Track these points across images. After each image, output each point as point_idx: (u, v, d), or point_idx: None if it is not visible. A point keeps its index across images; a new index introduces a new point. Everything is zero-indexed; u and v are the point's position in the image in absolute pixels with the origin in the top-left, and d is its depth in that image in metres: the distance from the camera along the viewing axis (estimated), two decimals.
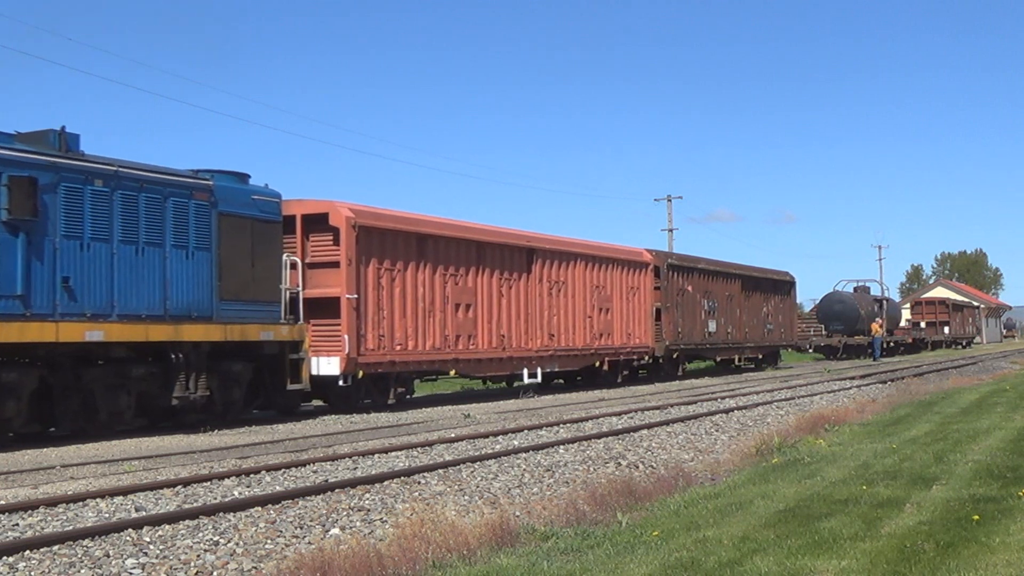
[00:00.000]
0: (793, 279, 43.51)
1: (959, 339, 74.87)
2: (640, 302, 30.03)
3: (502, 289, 23.90)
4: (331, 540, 7.78)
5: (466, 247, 22.84)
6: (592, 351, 27.42)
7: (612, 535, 7.57)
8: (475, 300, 22.92)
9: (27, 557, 7.10)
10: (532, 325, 24.81)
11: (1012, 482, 9.17)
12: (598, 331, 27.66)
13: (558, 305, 25.95)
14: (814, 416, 16.63)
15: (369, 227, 19.99)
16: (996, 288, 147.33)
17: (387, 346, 20.34)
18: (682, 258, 33.50)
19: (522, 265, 24.77)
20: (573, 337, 26.53)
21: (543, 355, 25.16)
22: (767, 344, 39.84)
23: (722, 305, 35.19)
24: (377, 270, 20.25)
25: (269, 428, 17.02)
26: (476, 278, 23.04)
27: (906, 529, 7.34)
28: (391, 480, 10.41)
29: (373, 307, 20.03)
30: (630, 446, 13.57)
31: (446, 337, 21.95)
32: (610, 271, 28.63)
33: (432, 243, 21.80)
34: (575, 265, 26.90)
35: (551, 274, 25.81)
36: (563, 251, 26.60)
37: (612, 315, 28.48)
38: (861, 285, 60.77)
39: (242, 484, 10.38)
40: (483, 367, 23.41)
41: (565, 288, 26.30)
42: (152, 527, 8.07)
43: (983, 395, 20.96)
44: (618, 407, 19.94)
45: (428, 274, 21.59)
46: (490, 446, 13.52)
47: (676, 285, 31.77)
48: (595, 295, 27.61)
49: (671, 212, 60.97)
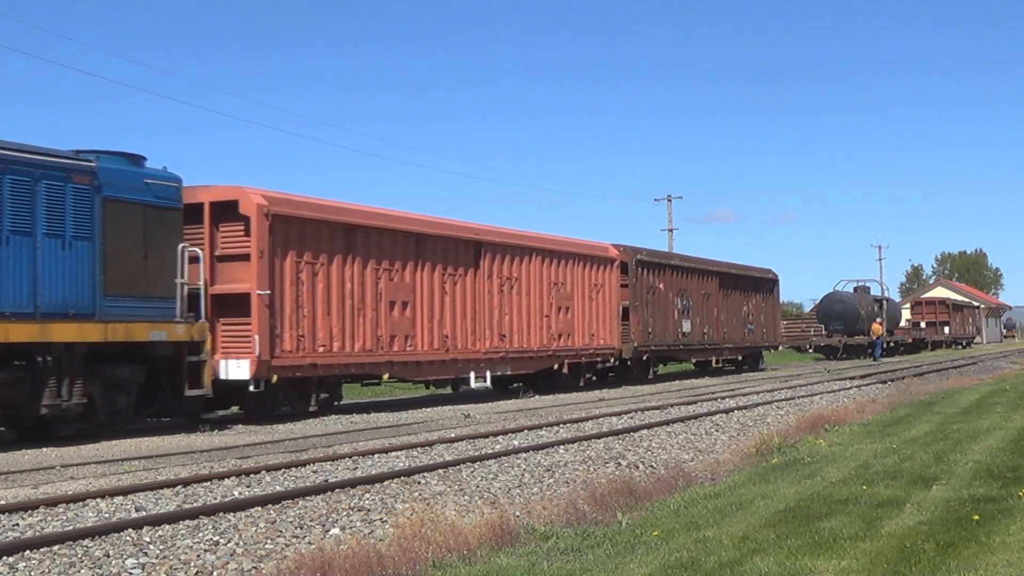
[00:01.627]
0: (776, 277, 41.59)
1: (959, 339, 74.90)
2: (605, 300, 28.20)
3: (445, 286, 22.09)
4: (331, 540, 7.79)
5: (403, 240, 20.96)
6: (550, 353, 25.60)
7: (612, 535, 7.57)
8: (414, 297, 21.13)
9: (27, 557, 7.10)
10: (480, 325, 23.05)
11: (1012, 482, 9.17)
12: (557, 331, 25.85)
13: (510, 303, 24.14)
14: (814, 416, 16.64)
15: (286, 216, 18.10)
16: (996, 288, 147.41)
17: (308, 347, 18.49)
18: (653, 254, 31.66)
19: (469, 260, 22.90)
20: (528, 338, 24.75)
21: (493, 357, 23.37)
22: (748, 345, 38.04)
23: (697, 304, 33.53)
24: (296, 264, 18.33)
25: (269, 428, 17.02)
26: (415, 273, 21.22)
27: (906, 529, 7.34)
28: (391, 480, 10.41)
29: (291, 304, 18.16)
30: (630, 446, 13.58)
31: (379, 338, 20.15)
32: (571, 267, 26.77)
33: (362, 234, 19.91)
34: (530, 260, 25.09)
35: (502, 270, 23.97)
36: (516, 245, 24.72)
37: (573, 314, 26.65)
38: (861, 285, 60.76)
39: (242, 484, 10.38)
40: (423, 370, 21.59)
41: (519, 285, 24.50)
42: (152, 527, 8.07)
43: (983, 395, 20.97)
44: (618, 407, 19.95)
45: (358, 268, 19.71)
46: (490, 446, 13.53)
47: (646, 282, 30.18)
48: (553, 293, 25.84)
49: (671, 212, 61.05)
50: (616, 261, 28.82)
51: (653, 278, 30.63)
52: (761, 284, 39.66)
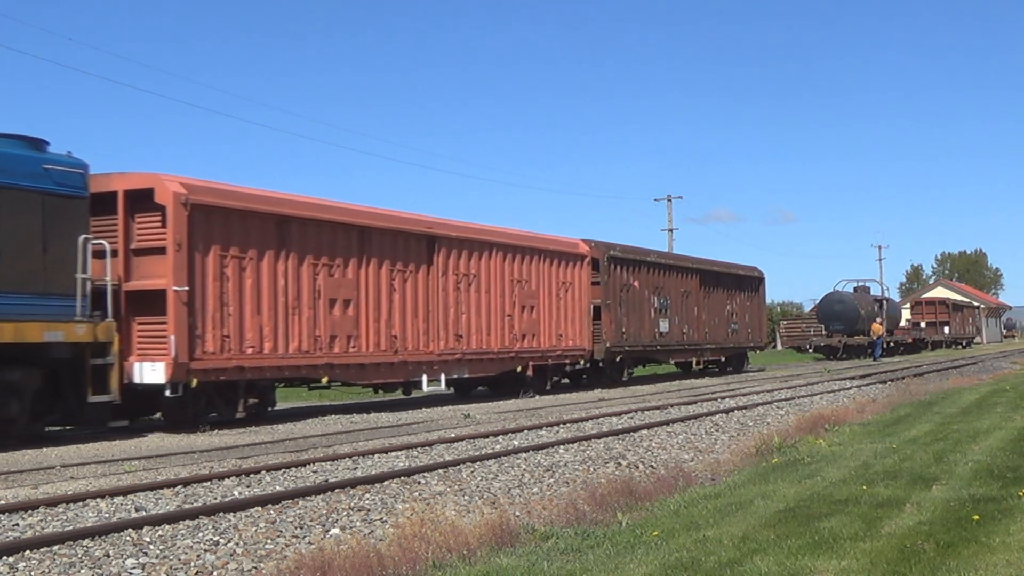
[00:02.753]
0: (761, 275, 39.83)
1: (959, 339, 74.92)
2: (574, 299, 26.78)
3: (394, 282, 20.66)
4: (331, 540, 7.79)
5: (345, 233, 19.53)
6: (512, 354, 24.13)
7: (612, 535, 7.57)
8: (357, 295, 19.67)
9: (27, 557, 7.10)
10: (434, 325, 21.65)
11: (1012, 482, 9.17)
12: (520, 332, 24.45)
13: (468, 302, 22.73)
14: (814, 416, 16.64)
15: (208, 206, 16.70)
16: (996, 288, 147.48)
17: (234, 349, 17.06)
18: (627, 250, 29.88)
19: (421, 255, 21.46)
20: (487, 338, 23.34)
21: (448, 359, 21.98)
22: (731, 346, 36.50)
23: (676, 303, 32.12)
24: (220, 258, 16.93)
25: (269, 428, 17.03)
26: (359, 269, 19.78)
27: (906, 529, 7.34)
28: (391, 480, 10.41)
29: (214, 302, 16.75)
30: (630, 446, 13.58)
31: (317, 338, 18.71)
32: (536, 264, 25.27)
33: (298, 227, 18.50)
34: (491, 256, 23.64)
35: (459, 266, 22.53)
36: (475, 240, 23.19)
37: (538, 313, 25.22)
38: (861, 285, 60.78)
39: (242, 484, 10.38)
40: (368, 373, 20.14)
41: (477, 282, 23.08)
42: (152, 527, 8.07)
43: (983, 395, 20.96)
44: (618, 407, 19.96)
45: (293, 264, 18.32)
46: (490, 446, 13.53)
47: (619, 280, 28.75)
48: (516, 290, 24.40)
49: (671, 212, 61.08)
50: (587, 257, 27.49)
51: (627, 275, 29.33)
52: (746, 282, 38.25)
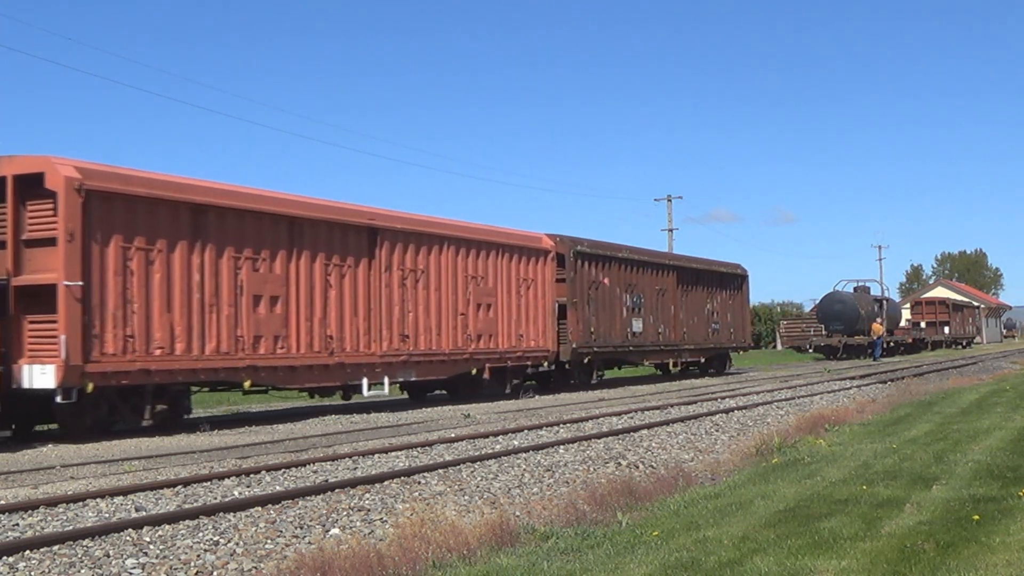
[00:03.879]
0: (745, 273, 38.13)
1: (959, 339, 74.94)
2: (537, 297, 25.32)
3: (330, 278, 19.20)
4: (331, 540, 7.79)
5: (272, 224, 18.05)
6: (466, 356, 22.69)
7: (612, 535, 7.57)
8: (286, 291, 18.18)
9: (27, 557, 7.10)
10: (376, 324, 20.20)
11: (1012, 482, 9.17)
12: (475, 332, 22.99)
13: (415, 299, 21.28)
14: (814, 416, 16.64)
15: (108, 192, 15.26)
16: (996, 288, 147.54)
17: (139, 350, 15.56)
18: (596, 245, 28.36)
19: (361, 248, 20.02)
20: (438, 339, 21.89)
21: (392, 361, 20.53)
22: (712, 346, 35.06)
23: (651, 301, 30.66)
24: (124, 250, 15.46)
25: (269, 428, 17.03)
26: (289, 263, 18.31)
27: (906, 529, 7.34)
28: (391, 480, 10.41)
29: (116, 299, 15.26)
30: (630, 446, 13.58)
31: (239, 339, 17.17)
32: (494, 259, 23.83)
33: (216, 217, 16.96)
34: (442, 250, 22.22)
35: (406, 261, 21.08)
36: (423, 233, 21.75)
37: (496, 312, 23.73)
38: (861, 285, 60.79)
39: (242, 484, 10.38)
40: (299, 376, 18.55)
41: (426, 278, 21.64)
42: (152, 527, 8.07)
43: (983, 395, 20.96)
44: (618, 407, 19.96)
45: (211, 257, 16.81)
46: (490, 446, 13.53)
47: (588, 277, 27.35)
48: (471, 287, 22.98)
49: (671, 212, 61.10)
50: (550, 253, 26.01)
51: (596, 272, 27.91)
52: (728, 280, 36.76)
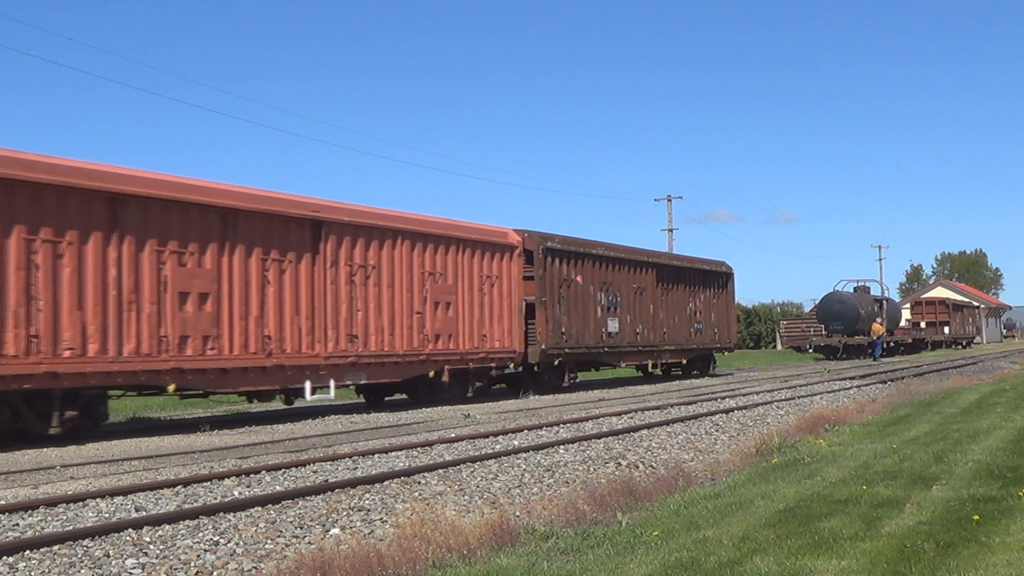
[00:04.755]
0: (730, 271, 36.71)
1: (959, 339, 74.94)
2: (502, 295, 24.09)
3: (268, 274, 17.95)
4: (331, 540, 7.78)
5: (202, 215, 16.79)
6: (423, 357, 21.45)
7: (612, 535, 7.57)
8: (218, 288, 16.96)
9: (27, 557, 7.10)
10: (320, 323, 18.98)
11: (1012, 482, 9.17)
12: (433, 332, 21.76)
13: (365, 297, 20.04)
14: (814, 416, 16.64)
15: (7, 180, 14.12)
16: (996, 288, 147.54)
17: (45, 351, 14.48)
18: (567, 241, 26.94)
19: (304, 243, 18.79)
20: (390, 339, 20.64)
21: (339, 363, 19.30)
22: (695, 347, 33.73)
23: (628, 300, 29.37)
24: (27, 242, 14.42)
25: (269, 428, 17.03)
26: (221, 258, 17.06)
27: (906, 529, 7.34)
28: (391, 480, 10.41)
29: (17, 295, 14.29)
30: (630, 446, 13.58)
31: (163, 339, 15.97)
32: (454, 255, 22.63)
33: (137, 207, 15.75)
34: (396, 245, 20.96)
35: (354, 256, 19.87)
36: (374, 226, 20.49)
37: (457, 311, 22.55)
38: (861, 285, 60.79)
39: (242, 484, 10.38)
40: (231, 379, 17.26)
41: (378, 274, 20.41)
42: (152, 527, 8.07)
43: (983, 395, 20.95)
44: (618, 407, 19.96)
45: (130, 250, 15.60)
46: (490, 446, 13.53)
47: (559, 274, 26.03)
48: (429, 285, 21.77)
49: (671, 212, 61.14)
50: (517, 249, 24.81)
51: (568, 269, 26.60)
52: (711, 278, 35.40)
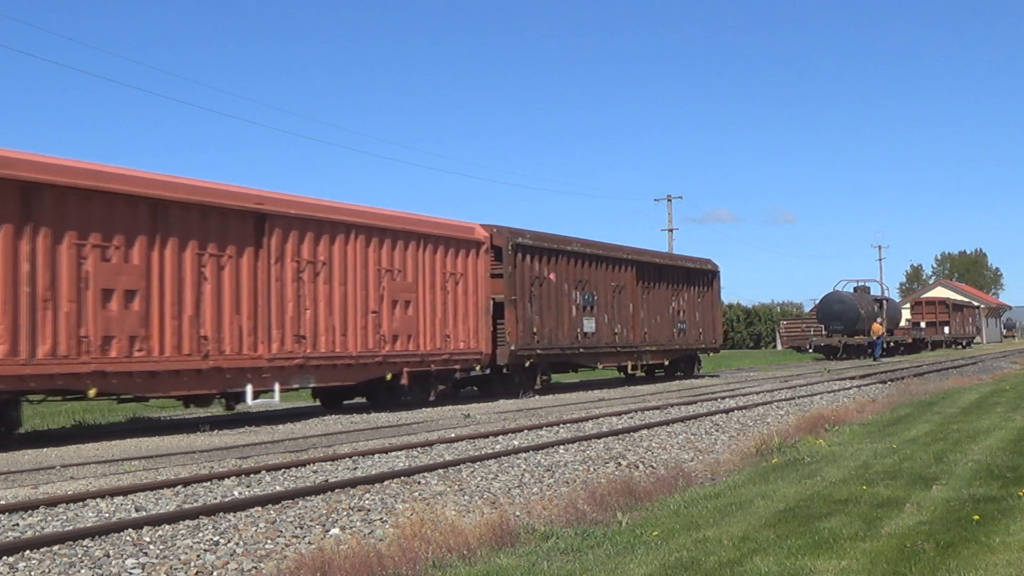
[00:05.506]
0: (716, 268, 35.35)
1: (959, 339, 74.93)
2: (468, 293, 22.91)
3: (205, 270, 16.76)
4: (331, 540, 7.78)
5: (128, 207, 15.55)
6: (379, 359, 20.21)
7: (612, 535, 7.57)
8: (147, 284, 15.76)
9: (27, 557, 7.10)
10: (264, 323, 17.70)
11: (1012, 482, 9.17)
12: (390, 332, 20.53)
13: (315, 295, 18.83)
14: (814, 416, 16.63)
15: None
16: (996, 288, 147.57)
17: None
18: (540, 237, 25.60)
19: (246, 237, 17.51)
20: (343, 340, 19.38)
21: (285, 365, 18.02)
22: (678, 347, 32.42)
23: (606, 299, 28.13)
24: None
25: (269, 428, 17.02)
26: (151, 252, 15.89)
27: (906, 529, 7.34)
28: (391, 480, 10.41)
29: None
30: (630, 446, 13.58)
31: (83, 339, 14.91)
32: (414, 251, 21.39)
33: (54, 197, 14.73)
34: (349, 240, 19.72)
35: (302, 251, 18.61)
36: (324, 220, 19.25)
37: (417, 310, 21.31)
38: (861, 285, 60.79)
39: (242, 484, 10.38)
40: (163, 383, 16.06)
41: (329, 271, 19.17)
42: (152, 527, 8.07)
43: (983, 395, 20.95)
44: (618, 407, 19.96)
45: (45, 244, 14.61)
46: (490, 446, 13.53)
47: (530, 272, 24.84)
48: (386, 282, 20.54)
49: (671, 212, 61.18)
50: (484, 245, 23.58)
51: (540, 266, 25.35)
52: (696, 276, 34.11)
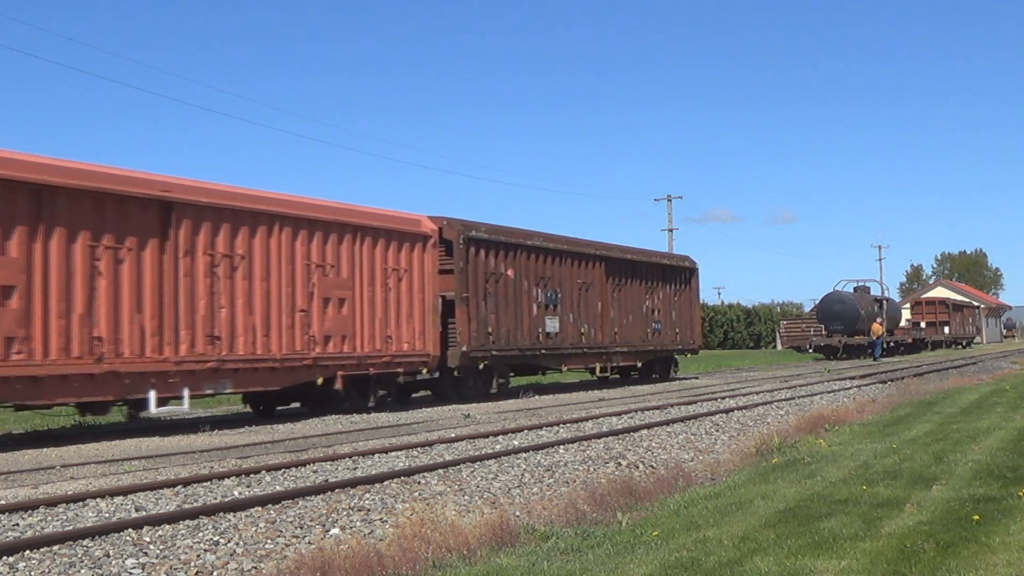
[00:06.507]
0: (694, 265, 33.98)
1: (959, 339, 74.94)
2: (412, 290, 21.27)
3: (99, 264, 15.29)
4: (331, 540, 7.78)
5: (6, 193, 14.26)
6: (308, 361, 18.59)
7: (612, 535, 7.57)
8: (27, 280, 14.38)
9: (27, 557, 7.10)
10: (170, 322, 16.14)
11: (1012, 482, 9.17)
12: (321, 332, 18.91)
13: (231, 292, 17.23)
14: (814, 416, 16.63)
15: None
16: (996, 288, 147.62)
17: None
18: (496, 231, 24.10)
19: (149, 227, 15.95)
20: (265, 341, 17.76)
21: (195, 369, 16.47)
22: (652, 348, 30.90)
23: (571, 297, 26.71)
24: None
25: (269, 428, 17.02)
26: (33, 244, 14.48)
27: (906, 529, 7.34)
28: (391, 480, 10.41)
29: None
30: (630, 446, 13.58)
31: None
32: (350, 244, 19.79)
33: None
34: (273, 232, 18.09)
35: (217, 243, 17.03)
36: (242, 210, 17.54)
37: (353, 308, 19.70)
38: (861, 285, 60.80)
39: (242, 484, 10.38)
40: (47, 390, 14.59)
41: (248, 266, 17.56)
42: (152, 527, 8.07)
43: (983, 395, 20.95)
44: (618, 407, 19.96)
45: None
46: (490, 446, 13.53)
47: (485, 268, 23.43)
48: (316, 278, 18.93)
49: (671, 212, 61.21)
50: (432, 239, 21.92)
51: (497, 262, 23.90)
52: (672, 274, 32.58)
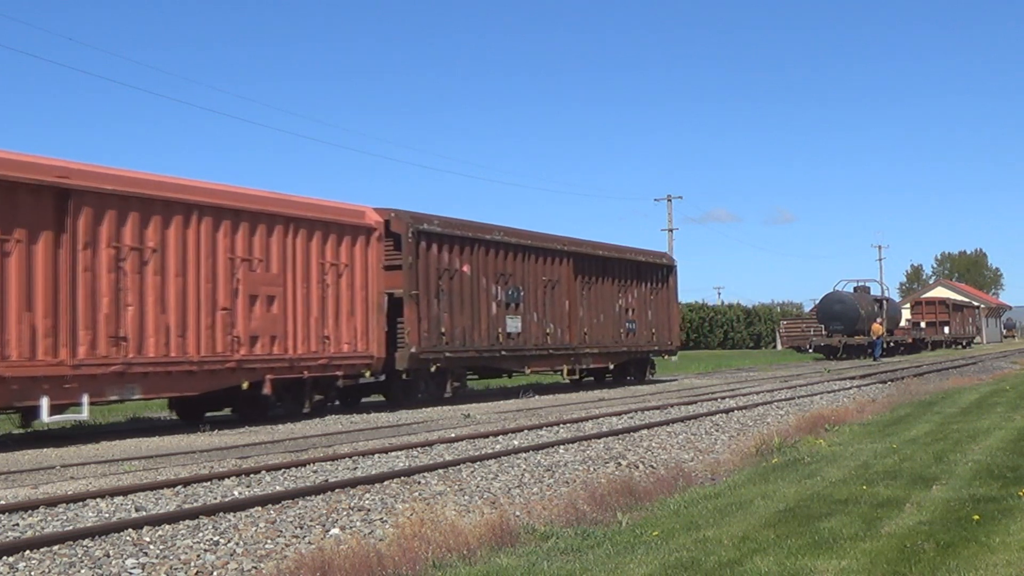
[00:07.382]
0: (672, 263, 32.72)
1: (959, 339, 74.95)
2: (354, 287, 19.90)
3: None
4: (331, 540, 7.78)
5: None
6: (231, 364, 17.17)
7: (612, 535, 7.57)
8: None
9: (27, 557, 7.10)
10: (67, 322, 14.79)
11: (1012, 482, 9.16)
12: (248, 333, 17.48)
13: (140, 288, 15.87)
14: (814, 416, 16.63)
15: None
16: (996, 288, 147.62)
17: None
18: (450, 224, 22.69)
19: (43, 218, 14.63)
20: (180, 342, 16.38)
21: (97, 373, 15.12)
22: (625, 349, 29.35)
23: (535, 295, 25.18)
24: None
25: (269, 428, 17.02)
26: None
27: (906, 529, 7.34)
28: (391, 480, 10.41)
29: None
30: (630, 446, 13.58)
31: None
32: (281, 237, 18.33)
33: None
34: (190, 223, 16.68)
35: (123, 235, 15.64)
36: (153, 198, 16.15)
37: (285, 307, 18.24)
38: (861, 285, 60.80)
39: (242, 484, 10.38)
40: None
41: (160, 259, 16.20)
42: (152, 527, 8.08)
43: (983, 395, 20.95)
44: (618, 407, 19.95)
45: None
46: (490, 446, 13.53)
47: (438, 263, 22.03)
48: (242, 273, 17.52)
49: (671, 212, 61.22)
50: (376, 232, 20.48)
51: (452, 257, 22.51)
52: (647, 271, 31.01)
